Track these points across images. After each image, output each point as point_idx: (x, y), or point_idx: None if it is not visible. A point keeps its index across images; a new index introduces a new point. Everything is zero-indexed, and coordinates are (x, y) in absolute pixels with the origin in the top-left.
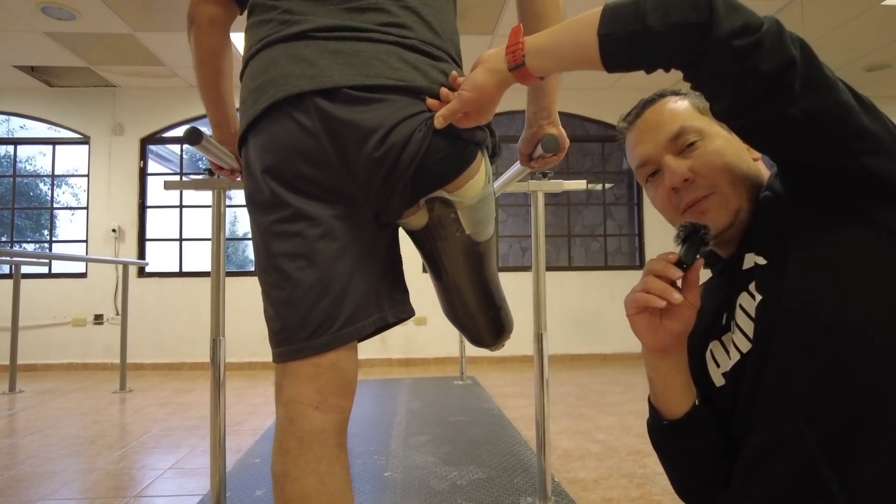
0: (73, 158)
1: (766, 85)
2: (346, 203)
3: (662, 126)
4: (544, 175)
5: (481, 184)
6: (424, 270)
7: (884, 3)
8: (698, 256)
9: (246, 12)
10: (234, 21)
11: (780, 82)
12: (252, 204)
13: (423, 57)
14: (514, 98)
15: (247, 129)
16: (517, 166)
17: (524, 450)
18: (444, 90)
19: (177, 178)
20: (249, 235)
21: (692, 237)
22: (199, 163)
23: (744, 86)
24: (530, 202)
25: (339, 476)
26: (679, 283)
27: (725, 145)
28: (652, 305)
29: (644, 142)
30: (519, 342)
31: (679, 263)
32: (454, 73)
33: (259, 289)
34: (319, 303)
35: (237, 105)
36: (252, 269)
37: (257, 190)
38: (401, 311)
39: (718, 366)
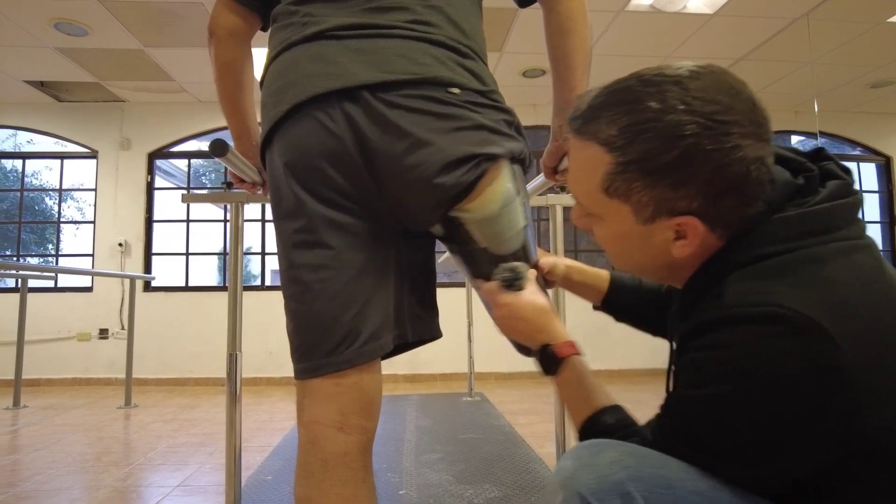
0: (79, 173)
1: None
2: (370, 212)
3: (573, 177)
4: (562, 189)
5: (496, 197)
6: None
7: (889, 20)
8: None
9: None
10: (256, 36)
11: None
12: (275, 211)
13: (451, 52)
14: (536, 114)
15: (269, 132)
16: (539, 180)
17: (540, 467)
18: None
19: (181, 192)
20: (254, 250)
21: (507, 284)
22: (203, 178)
23: None
24: (544, 217)
25: (365, 499)
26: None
27: (614, 240)
28: None
29: (568, 172)
30: (526, 358)
31: None
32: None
33: (264, 304)
34: (341, 317)
35: (258, 118)
36: (256, 283)
37: (280, 197)
38: (424, 329)
39: None
